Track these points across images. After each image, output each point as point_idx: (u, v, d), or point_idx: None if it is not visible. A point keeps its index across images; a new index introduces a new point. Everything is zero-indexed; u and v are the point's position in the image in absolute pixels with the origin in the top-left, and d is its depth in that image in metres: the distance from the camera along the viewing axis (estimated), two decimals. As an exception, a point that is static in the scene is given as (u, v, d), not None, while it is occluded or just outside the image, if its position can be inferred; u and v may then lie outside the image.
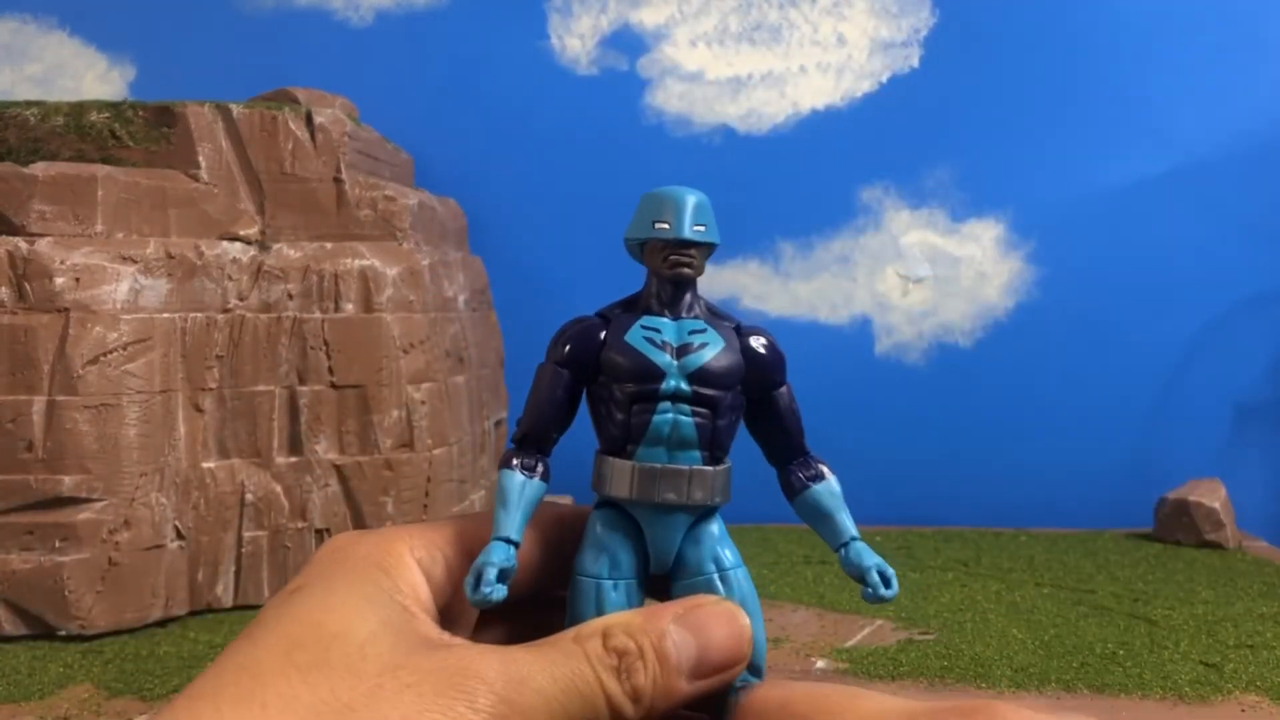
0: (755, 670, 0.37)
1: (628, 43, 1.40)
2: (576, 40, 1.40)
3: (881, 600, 0.38)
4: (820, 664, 0.80)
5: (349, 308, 1.00)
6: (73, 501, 0.88)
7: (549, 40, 1.40)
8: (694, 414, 0.37)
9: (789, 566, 1.09)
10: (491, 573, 0.34)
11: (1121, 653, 0.83)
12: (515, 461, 0.38)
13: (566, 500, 1.24)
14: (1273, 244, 1.38)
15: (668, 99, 1.40)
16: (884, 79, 1.40)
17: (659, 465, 0.37)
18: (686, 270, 0.38)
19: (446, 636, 0.32)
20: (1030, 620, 0.92)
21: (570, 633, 0.32)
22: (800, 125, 1.40)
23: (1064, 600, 0.99)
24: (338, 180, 1.03)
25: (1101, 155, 1.38)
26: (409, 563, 0.34)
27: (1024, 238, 1.40)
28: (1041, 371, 1.40)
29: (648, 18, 1.40)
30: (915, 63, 1.39)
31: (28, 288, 0.89)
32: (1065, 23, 1.38)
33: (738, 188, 1.39)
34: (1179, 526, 1.24)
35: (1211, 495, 1.24)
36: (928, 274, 1.41)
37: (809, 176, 1.40)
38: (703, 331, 0.38)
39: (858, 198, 1.41)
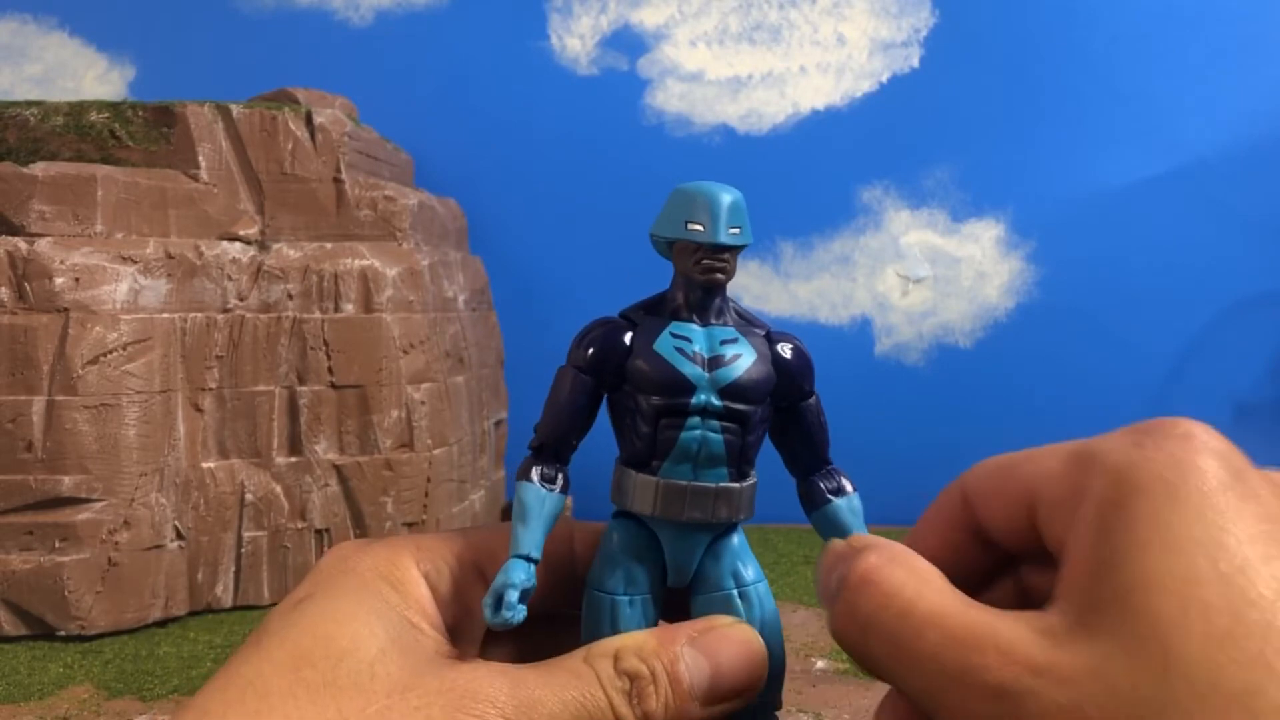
0: (774, 684, 0.37)
1: (628, 43, 1.40)
2: (576, 40, 1.40)
3: None
4: (820, 664, 0.80)
5: (349, 308, 0.99)
6: (73, 501, 0.88)
7: (549, 40, 1.40)
8: (724, 430, 0.35)
9: (789, 567, 1.09)
10: (514, 594, 0.33)
11: (1122, 653, 0.83)
12: (534, 472, 0.36)
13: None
14: (1273, 243, 1.38)
15: (668, 99, 1.40)
16: (884, 79, 1.40)
17: (685, 483, 0.35)
18: (720, 275, 0.36)
19: (456, 654, 0.32)
20: (1030, 620, 0.92)
21: (580, 653, 0.32)
22: (800, 125, 1.40)
23: (1064, 600, 0.98)
24: (338, 180, 1.03)
25: (1102, 155, 1.38)
26: (415, 576, 0.33)
27: (1024, 238, 1.40)
28: (1042, 372, 1.40)
29: (648, 18, 1.40)
30: (915, 63, 1.39)
31: (28, 288, 0.89)
32: (1065, 22, 1.38)
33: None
34: (1179, 526, 1.23)
35: (1212, 495, 1.24)
36: (928, 274, 1.41)
37: (809, 176, 1.40)
38: (734, 341, 0.36)
39: (858, 198, 1.41)
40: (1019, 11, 1.38)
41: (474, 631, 0.36)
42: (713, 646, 0.33)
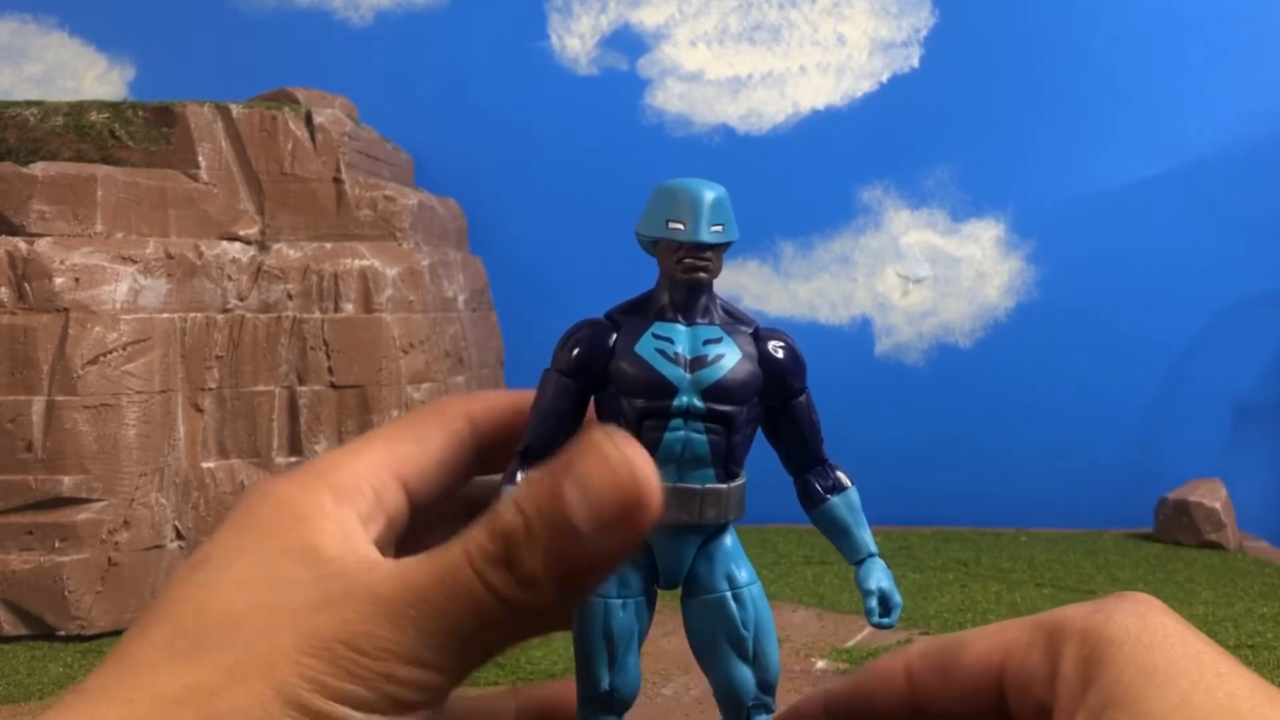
0: (768, 688, 0.37)
1: (628, 43, 1.40)
2: (576, 40, 1.40)
3: (878, 627, 0.37)
4: (820, 664, 0.80)
5: (349, 308, 0.99)
6: (73, 501, 0.88)
7: (549, 40, 1.40)
8: (707, 431, 0.35)
9: (789, 567, 1.09)
10: None
11: (1122, 653, 0.83)
12: (519, 478, 0.36)
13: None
14: (1273, 243, 1.38)
15: (668, 99, 1.40)
16: (884, 79, 1.40)
17: (670, 484, 0.35)
18: (702, 275, 0.36)
19: (368, 562, 0.30)
20: (1030, 620, 0.92)
21: (463, 538, 0.28)
22: (800, 125, 1.40)
23: (1064, 601, 0.98)
24: (337, 180, 1.03)
25: (1102, 155, 1.38)
26: (327, 510, 0.31)
27: (1024, 238, 1.40)
28: (1041, 372, 1.39)
29: (648, 18, 1.40)
30: (915, 63, 1.39)
31: (28, 288, 0.89)
32: (1065, 23, 1.37)
33: (738, 188, 1.38)
34: (1179, 527, 1.24)
35: (1212, 495, 1.24)
36: (927, 274, 1.41)
37: (809, 176, 1.40)
38: (718, 341, 0.36)
39: (858, 198, 1.41)
40: (1019, 11, 1.38)
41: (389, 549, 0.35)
42: (586, 469, 0.28)
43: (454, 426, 0.36)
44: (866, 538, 0.38)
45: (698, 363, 0.35)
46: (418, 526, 0.35)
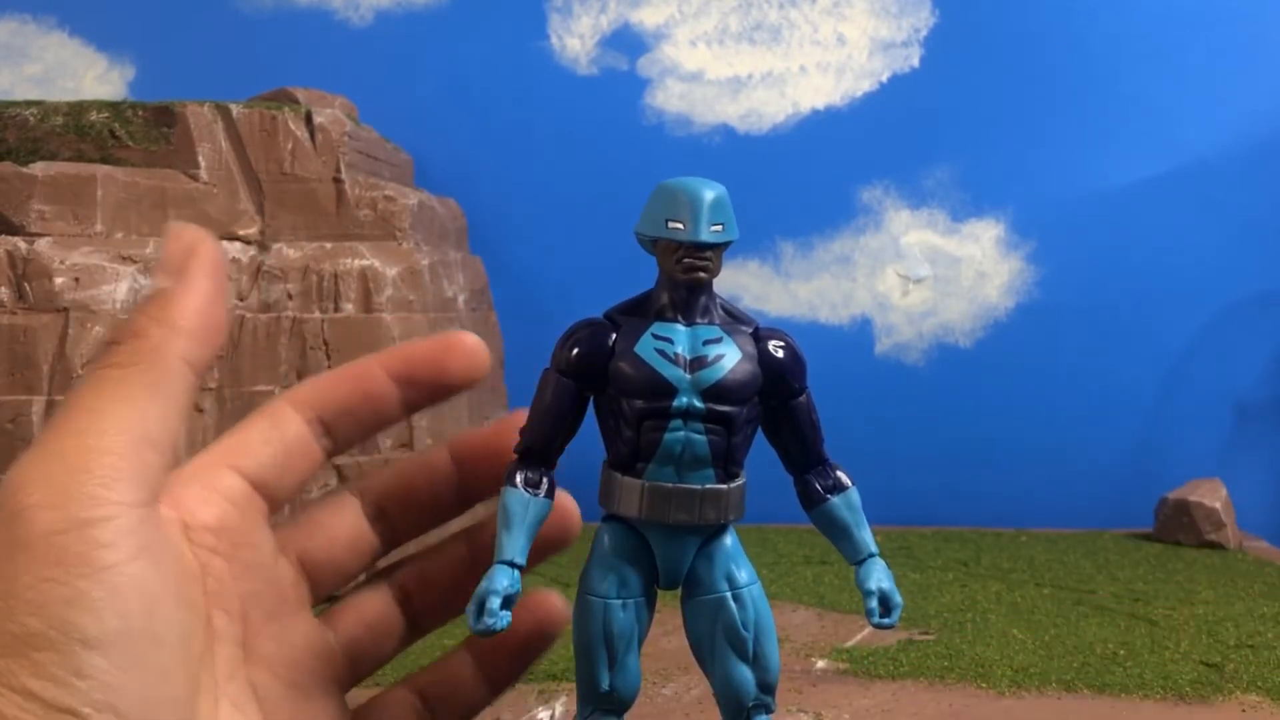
0: (768, 688, 0.37)
1: (628, 43, 1.40)
2: (576, 40, 1.40)
3: (879, 627, 0.37)
4: (820, 664, 0.80)
5: (348, 308, 0.99)
6: (72, 501, 0.88)
7: (549, 40, 1.40)
8: (707, 431, 0.35)
9: (789, 567, 1.09)
10: (495, 601, 0.33)
11: (1122, 653, 0.83)
12: (518, 478, 0.36)
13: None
14: (1273, 243, 1.38)
15: (668, 99, 1.40)
16: (884, 79, 1.39)
17: (670, 485, 0.35)
18: (702, 274, 0.36)
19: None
20: (1030, 620, 0.92)
21: None
22: (800, 125, 1.40)
23: (1064, 600, 0.98)
24: (337, 180, 1.03)
25: (1101, 155, 1.38)
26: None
27: (1024, 238, 1.40)
28: (1042, 372, 1.39)
29: (648, 18, 1.40)
30: (915, 63, 1.39)
31: (27, 288, 0.89)
32: (1066, 22, 1.37)
33: (738, 188, 1.38)
34: (1179, 526, 1.24)
35: (1212, 495, 1.24)
36: (928, 274, 1.41)
37: (809, 176, 1.40)
38: (718, 341, 0.36)
39: (858, 198, 1.41)
40: (1019, 11, 1.38)
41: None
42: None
43: (277, 412, 0.38)
44: (867, 538, 0.38)
45: (698, 363, 0.35)
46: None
